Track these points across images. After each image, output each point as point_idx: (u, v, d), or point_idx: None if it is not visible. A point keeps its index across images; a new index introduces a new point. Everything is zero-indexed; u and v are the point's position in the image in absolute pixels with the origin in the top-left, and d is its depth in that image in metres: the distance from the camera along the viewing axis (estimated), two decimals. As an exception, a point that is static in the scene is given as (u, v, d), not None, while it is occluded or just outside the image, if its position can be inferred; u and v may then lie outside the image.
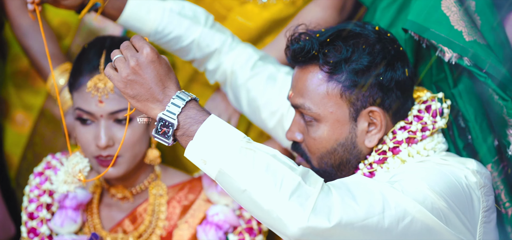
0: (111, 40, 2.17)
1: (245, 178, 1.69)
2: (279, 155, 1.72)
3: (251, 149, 1.70)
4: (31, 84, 2.72)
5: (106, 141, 2.10)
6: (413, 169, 1.90)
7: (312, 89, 1.94)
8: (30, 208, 2.29)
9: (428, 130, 1.96)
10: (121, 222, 2.27)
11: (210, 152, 1.70)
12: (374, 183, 1.78)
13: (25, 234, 2.29)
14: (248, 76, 2.27)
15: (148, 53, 1.75)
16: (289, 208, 1.66)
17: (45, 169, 2.32)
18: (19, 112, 2.76)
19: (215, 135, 1.71)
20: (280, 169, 1.69)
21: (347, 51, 1.92)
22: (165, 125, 1.74)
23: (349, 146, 1.96)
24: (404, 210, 1.74)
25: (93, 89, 2.08)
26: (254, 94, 2.27)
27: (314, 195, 1.68)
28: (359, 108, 1.93)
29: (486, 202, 1.89)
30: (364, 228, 1.70)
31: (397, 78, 1.94)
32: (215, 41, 2.26)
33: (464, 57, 1.98)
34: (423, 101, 2.00)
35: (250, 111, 2.31)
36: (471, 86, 2.05)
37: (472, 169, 1.90)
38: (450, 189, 1.82)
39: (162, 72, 1.76)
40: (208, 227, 2.20)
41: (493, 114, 2.01)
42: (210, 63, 2.29)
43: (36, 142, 2.73)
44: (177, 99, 1.74)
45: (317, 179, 1.72)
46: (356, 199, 1.71)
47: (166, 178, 2.29)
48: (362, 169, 1.96)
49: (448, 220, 1.79)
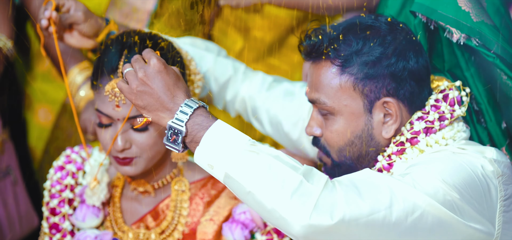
0: (132, 39, 2.10)
1: (249, 180, 1.74)
2: (282, 155, 1.77)
3: (254, 151, 1.76)
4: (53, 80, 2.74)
5: (122, 145, 2.08)
6: (427, 160, 1.89)
7: (326, 83, 1.96)
8: (52, 204, 2.27)
9: (446, 119, 1.96)
10: (144, 217, 2.24)
11: (216, 157, 1.77)
12: (382, 178, 1.79)
13: (47, 229, 2.27)
14: (265, 97, 2.34)
15: (155, 64, 1.83)
16: (291, 207, 1.70)
17: (66, 163, 2.29)
18: (42, 107, 2.77)
19: (220, 140, 1.77)
20: (282, 169, 1.73)
21: (357, 43, 1.93)
22: (174, 132, 1.81)
23: (366, 138, 1.96)
24: (413, 204, 1.75)
25: (110, 93, 2.04)
26: (274, 111, 2.34)
27: (316, 193, 1.71)
28: (373, 99, 1.94)
29: (505, 191, 1.88)
30: (369, 223, 1.72)
31: (410, 68, 1.94)
32: (229, 69, 2.34)
33: (472, 38, 1.99)
34: (441, 91, 1.99)
35: (273, 130, 2.37)
36: (482, 68, 2.05)
37: (490, 158, 1.89)
38: (465, 179, 1.82)
39: (170, 82, 1.82)
40: (234, 225, 2.16)
41: (501, 95, 2.01)
42: (228, 93, 2.36)
43: (58, 136, 2.74)
44: (185, 106, 1.81)
45: (320, 177, 1.75)
46: (361, 195, 1.73)
47: (189, 174, 2.25)
48: (380, 161, 1.97)
49: (463, 211, 1.79)
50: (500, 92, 2.01)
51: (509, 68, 1.98)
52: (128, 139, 2.09)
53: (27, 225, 2.70)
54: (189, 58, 2.23)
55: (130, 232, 2.23)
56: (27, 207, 2.71)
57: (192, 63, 2.23)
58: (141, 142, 2.09)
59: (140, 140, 2.09)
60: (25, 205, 2.69)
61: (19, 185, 2.69)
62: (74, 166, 2.29)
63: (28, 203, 2.71)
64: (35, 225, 2.72)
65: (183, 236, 2.21)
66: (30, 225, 2.71)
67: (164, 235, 2.22)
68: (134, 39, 2.09)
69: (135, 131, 2.09)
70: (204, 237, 2.19)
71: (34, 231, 2.71)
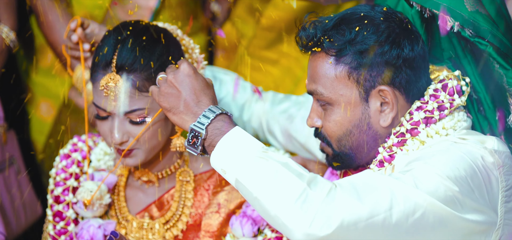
0: (128, 30, 2.10)
1: (256, 186, 1.79)
2: (291, 163, 1.81)
3: (263, 158, 1.81)
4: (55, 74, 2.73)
5: (120, 138, 2.08)
6: (428, 154, 1.89)
7: (322, 74, 1.98)
8: (56, 192, 2.27)
9: (446, 109, 1.96)
10: (148, 207, 2.24)
11: (228, 162, 1.83)
12: (382, 179, 1.81)
13: (51, 217, 2.28)
14: (277, 111, 2.44)
15: (184, 68, 1.93)
16: (292, 215, 1.74)
17: (72, 152, 2.30)
18: (44, 101, 2.78)
19: (234, 146, 1.84)
20: (287, 176, 1.77)
21: (350, 33, 1.94)
22: (195, 135, 1.87)
23: (364, 127, 1.98)
24: (415, 204, 1.76)
25: (105, 87, 2.05)
26: (283, 121, 2.42)
27: (317, 201, 1.74)
28: (368, 88, 1.95)
29: (506, 181, 1.89)
30: (369, 226, 1.74)
31: (405, 56, 1.94)
32: (247, 91, 2.46)
33: (466, 28, 2.00)
34: (440, 80, 2.00)
35: (285, 139, 2.43)
36: (477, 56, 2.05)
37: (491, 149, 1.89)
38: (466, 170, 1.83)
39: (197, 87, 1.91)
40: (245, 220, 2.16)
41: (494, 84, 2.02)
42: (245, 114, 2.45)
43: (59, 130, 2.74)
44: (208, 111, 1.88)
45: (324, 185, 1.77)
46: (361, 198, 1.75)
47: (195, 165, 2.25)
48: (382, 152, 1.97)
49: (464, 204, 1.80)
50: (493, 81, 2.02)
51: (502, 57, 1.99)
52: (126, 132, 2.09)
53: (31, 214, 2.71)
54: (191, 46, 2.23)
55: (134, 221, 2.24)
56: (31, 197, 2.71)
57: (195, 50, 2.23)
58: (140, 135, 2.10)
59: (137, 133, 2.09)
60: (29, 195, 2.70)
61: (22, 174, 2.69)
62: (79, 154, 2.29)
63: (31, 192, 2.71)
64: (39, 214, 2.73)
65: (187, 227, 2.21)
66: (34, 214, 2.72)
67: (168, 225, 2.22)
68: (127, 33, 2.08)
69: (132, 124, 2.09)
70: (208, 229, 2.20)
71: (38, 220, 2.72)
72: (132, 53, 2.05)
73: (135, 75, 2.05)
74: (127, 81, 2.05)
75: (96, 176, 2.24)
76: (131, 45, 2.05)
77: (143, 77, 2.06)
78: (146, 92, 2.06)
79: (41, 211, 2.72)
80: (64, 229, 2.27)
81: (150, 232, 2.22)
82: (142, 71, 2.06)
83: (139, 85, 2.05)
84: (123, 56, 2.04)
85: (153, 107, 2.07)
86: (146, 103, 2.06)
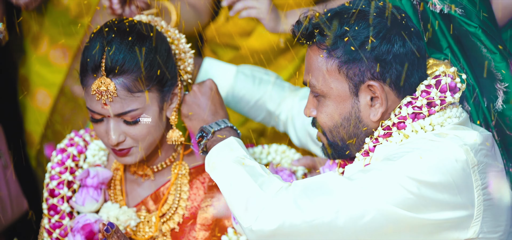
0: (113, 32, 2.09)
1: (223, 188, 2.01)
2: (258, 168, 1.99)
3: (236, 163, 2.01)
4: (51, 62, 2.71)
5: (116, 139, 2.11)
6: (399, 153, 1.90)
7: (315, 66, 2.02)
8: (51, 185, 2.27)
9: (436, 105, 1.97)
10: (144, 200, 2.27)
11: (211, 165, 2.06)
12: (337, 183, 1.88)
13: (46, 210, 2.28)
14: (298, 106, 2.50)
15: (209, 82, 2.23)
16: (242, 213, 1.92)
17: (68, 146, 2.30)
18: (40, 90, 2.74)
19: (219, 152, 2.06)
20: (245, 180, 1.96)
21: (341, 27, 1.97)
22: (202, 135, 2.14)
23: (354, 121, 2.01)
24: (363, 209, 1.84)
25: (96, 92, 2.06)
26: (298, 114, 2.49)
27: (264, 200, 1.90)
28: (357, 82, 1.98)
29: (481, 180, 1.90)
30: (313, 227, 1.85)
31: (395, 51, 1.96)
32: (285, 90, 2.55)
33: (457, 8, 2.04)
34: (435, 76, 2.01)
35: (303, 134, 2.50)
36: (465, 42, 2.08)
37: (470, 144, 1.90)
38: (435, 169, 1.85)
39: (217, 101, 2.21)
40: None
41: (481, 69, 2.05)
42: (282, 113, 2.54)
43: (56, 120, 2.72)
44: (221, 122, 2.16)
45: (275, 185, 1.93)
46: (310, 200, 1.86)
47: (190, 158, 2.29)
48: (368, 143, 2.00)
49: (427, 205, 1.83)
50: (480, 66, 2.04)
51: (490, 39, 2.02)
52: (122, 133, 2.12)
53: (17, 208, 2.69)
54: (177, 36, 2.24)
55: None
56: (17, 191, 2.69)
57: (181, 41, 2.24)
58: (134, 134, 2.12)
59: (133, 132, 2.12)
60: (15, 189, 2.68)
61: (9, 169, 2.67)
62: (75, 149, 2.30)
63: (17, 186, 2.69)
64: (25, 208, 2.71)
65: (184, 220, 2.24)
66: (20, 209, 2.70)
67: (165, 218, 2.24)
68: (113, 35, 2.08)
69: (127, 124, 2.11)
70: (204, 222, 2.22)
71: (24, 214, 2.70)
72: (120, 55, 2.06)
73: (125, 77, 2.07)
74: (118, 84, 2.06)
75: (91, 172, 2.25)
76: (118, 46, 2.06)
77: (133, 77, 2.07)
78: (137, 92, 2.08)
79: (27, 205, 2.70)
80: (58, 222, 2.27)
81: (147, 225, 2.25)
82: (132, 71, 2.07)
83: (130, 86, 2.07)
84: (111, 58, 2.05)
85: (146, 106, 2.10)
86: (138, 103, 2.09)
